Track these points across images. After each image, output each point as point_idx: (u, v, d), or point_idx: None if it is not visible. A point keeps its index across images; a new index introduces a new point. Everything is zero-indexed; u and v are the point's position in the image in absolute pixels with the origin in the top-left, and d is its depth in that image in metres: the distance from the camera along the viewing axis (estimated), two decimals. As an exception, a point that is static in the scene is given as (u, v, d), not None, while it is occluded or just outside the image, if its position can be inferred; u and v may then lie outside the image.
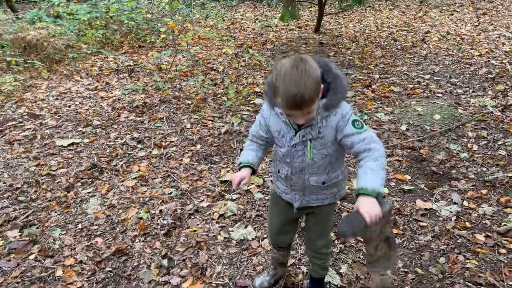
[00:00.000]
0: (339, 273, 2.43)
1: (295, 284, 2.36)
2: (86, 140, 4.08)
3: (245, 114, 4.54)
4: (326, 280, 2.33)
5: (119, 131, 4.28)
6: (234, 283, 2.39)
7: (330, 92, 1.58)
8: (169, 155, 3.82)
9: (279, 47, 7.19)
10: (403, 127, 4.13)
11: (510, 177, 3.27)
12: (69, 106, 4.91)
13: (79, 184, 3.40)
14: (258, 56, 6.25)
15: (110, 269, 2.52)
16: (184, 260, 2.58)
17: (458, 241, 2.67)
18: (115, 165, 3.65)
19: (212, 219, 2.95)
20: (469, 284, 2.33)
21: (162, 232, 2.82)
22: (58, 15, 8.32)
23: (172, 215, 2.99)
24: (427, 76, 5.61)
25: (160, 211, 3.04)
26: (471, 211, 2.94)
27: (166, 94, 5.15)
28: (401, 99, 4.91)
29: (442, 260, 2.51)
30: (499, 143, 3.80)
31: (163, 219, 2.95)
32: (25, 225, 2.90)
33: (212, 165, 3.64)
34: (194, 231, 2.83)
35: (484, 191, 3.14)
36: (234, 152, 3.84)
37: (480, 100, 4.74)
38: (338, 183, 1.84)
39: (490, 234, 2.70)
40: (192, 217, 2.99)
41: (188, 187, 3.32)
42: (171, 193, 3.24)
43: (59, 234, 2.81)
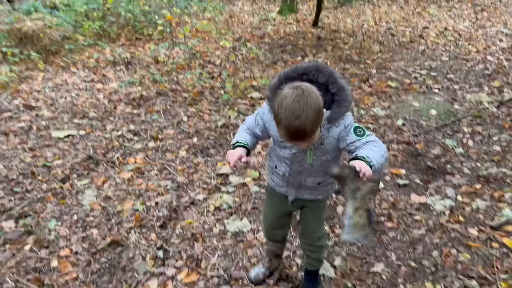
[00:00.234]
0: (333, 266, 2.45)
1: (290, 276, 2.38)
2: (82, 132, 4.07)
3: (242, 108, 4.54)
4: (320, 272, 2.35)
5: (116, 123, 4.27)
6: (229, 275, 2.40)
7: (334, 105, 1.57)
8: (165, 147, 3.82)
9: (277, 41, 7.18)
10: (399, 122, 4.15)
11: (504, 172, 3.29)
12: (65, 98, 4.89)
13: (75, 175, 3.39)
14: (256, 49, 6.23)
15: (105, 260, 2.53)
16: (179, 251, 2.59)
17: (451, 235, 2.69)
18: (111, 157, 3.64)
19: (208, 212, 2.96)
20: (461, 277, 2.35)
21: (157, 224, 2.83)
22: (54, 6, 8.26)
23: (168, 207, 2.99)
24: (424, 72, 5.62)
25: (156, 203, 3.04)
26: (464, 205, 2.96)
27: (163, 87, 5.14)
28: (398, 94, 4.92)
29: (435, 253, 2.54)
30: (494, 138, 3.82)
31: (159, 211, 2.95)
32: (20, 216, 2.90)
33: (208, 158, 3.65)
34: (190, 223, 2.84)
35: (478, 186, 3.16)
36: (231, 145, 3.84)
37: (476, 96, 4.76)
38: (332, 181, 1.89)
39: (483, 228, 2.73)
40: (188, 209, 3.00)
41: (184, 180, 3.33)
42: (167, 185, 3.25)
43: (54, 225, 2.81)
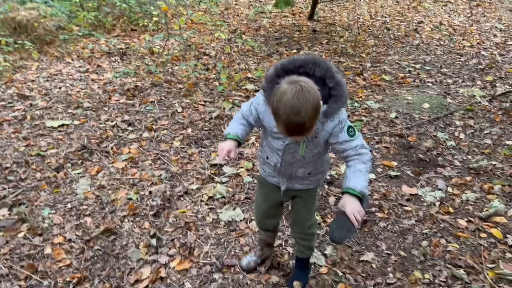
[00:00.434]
0: (324, 254, 2.49)
1: (281, 264, 2.42)
2: (76, 122, 4.07)
3: (236, 99, 4.56)
4: (311, 261, 2.39)
5: (110, 113, 4.27)
6: (221, 263, 2.43)
7: (331, 100, 1.58)
8: (159, 138, 3.83)
9: (273, 34, 7.18)
10: (392, 115, 4.18)
11: (494, 165, 3.34)
12: (60, 88, 4.88)
13: (69, 165, 3.40)
14: (251, 42, 6.23)
15: (98, 248, 2.55)
16: (172, 240, 2.62)
17: (441, 225, 2.73)
18: (105, 147, 3.65)
19: (201, 201, 2.98)
20: (449, 266, 2.40)
21: (151, 212, 2.85)
22: (49, -4, 8.18)
23: (162, 196, 3.02)
24: (418, 66, 5.65)
25: (150, 192, 3.06)
26: (455, 197, 3.01)
27: (158, 78, 5.13)
28: (391, 87, 4.95)
29: (425, 243, 2.58)
30: (485, 132, 3.87)
31: (153, 200, 2.98)
32: (14, 204, 2.91)
33: (202, 149, 3.67)
34: (183, 212, 2.86)
35: (469, 178, 3.21)
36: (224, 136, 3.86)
37: (469, 90, 4.80)
38: (323, 171, 1.95)
39: (472, 219, 2.77)
40: (182, 199, 3.02)
41: (178, 170, 3.34)
42: (161, 175, 3.27)
43: (48, 213, 2.83)
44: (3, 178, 3.21)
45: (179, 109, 4.35)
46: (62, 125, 4.01)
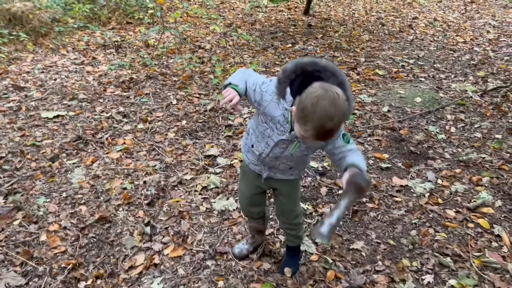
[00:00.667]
0: (315, 243, 2.54)
1: (273, 251, 2.47)
2: (71, 113, 4.09)
3: (231, 92, 4.58)
4: (302, 248, 2.44)
5: (105, 105, 4.30)
6: (214, 250, 2.48)
7: None
8: (154, 129, 3.86)
9: (268, 28, 7.20)
10: (385, 109, 4.24)
11: (483, 158, 3.40)
12: (55, 80, 4.89)
13: (64, 155, 3.43)
14: (247, 36, 6.25)
15: (93, 235, 2.59)
16: (166, 228, 2.66)
17: (430, 215, 2.79)
18: (100, 138, 3.68)
19: (195, 191, 3.02)
20: (437, 254, 2.46)
21: (145, 202, 2.89)
22: (44, -12, 8.15)
23: (156, 186, 3.05)
24: (411, 61, 5.70)
25: (144, 182, 3.10)
26: (444, 188, 3.07)
27: (153, 71, 5.15)
28: (385, 82, 5.00)
29: (414, 232, 2.64)
30: (476, 126, 3.93)
31: (147, 190, 3.01)
32: (9, 192, 2.94)
33: (197, 140, 3.70)
34: (177, 201, 2.90)
35: (458, 170, 3.27)
36: (219, 128, 3.90)
37: (461, 85, 4.86)
38: (304, 167, 2.01)
39: (460, 210, 2.84)
40: (176, 188, 3.06)
41: (173, 161, 3.38)
42: (155, 165, 3.30)
43: (43, 202, 2.86)
44: (-2, 167, 3.23)
45: (174, 101, 4.38)
46: (57, 116, 4.03)
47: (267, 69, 5.30)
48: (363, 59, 5.76)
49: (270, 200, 2.81)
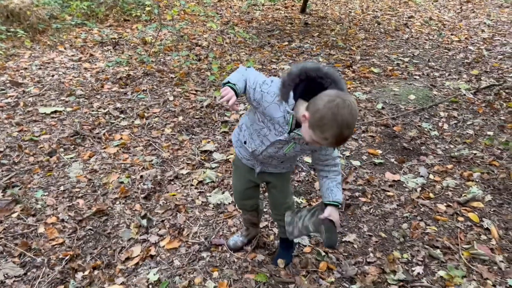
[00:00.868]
0: (308, 236, 2.59)
1: (267, 243, 2.52)
2: (69, 109, 4.13)
3: (227, 89, 4.63)
4: (295, 240, 2.50)
5: (102, 101, 4.33)
6: (209, 242, 2.53)
7: None
8: (151, 125, 3.90)
9: (265, 26, 7.24)
10: (379, 106, 4.29)
11: (475, 154, 3.47)
12: (52, 76, 4.92)
13: (61, 149, 3.47)
14: (243, 33, 6.29)
15: (90, 228, 2.63)
16: (162, 221, 2.71)
17: (421, 209, 2.85)
18: (98, 133, 3.72)
19: (191, 185, 3.07)
20: (427, 246, 2.52)
21: (142, 195, 2.94)
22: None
23: (153, 180, 3.10)
24: (406, 59, 5.76)
25: (141, 176, 3.15)
26: (435, 183, 3.13)
27: (150, 67, 5.19)
28: (379, 79, 5.06)
29: (405, 226, 2.70)
30: (468, 123, 3.99)
31: (144, 184, 3.06)
32: (7, 186, 2.98)
33: (193, 136, 3.75)
34: (173, 195, 2.95)
35: (450, 166, 3.33)
36: (215, 124, 3.95)
37: (454, 83, 4.92)
38: (295, 160, 2.08)
39: (451, 204, 2.90)
40: (172, 183, 3.11)
41: (169, 156, 3.43)
42: (152, 160, 3.35)
43: (41, 195, 2.90)
44: (-4, 161, 3.27)
45: (171, 98, 4.42)
46: (55, 112, 4.07)
47: (264, 67, 5.35)
48: (359, 57, 5.81)
49: (265, 194, 2.86)
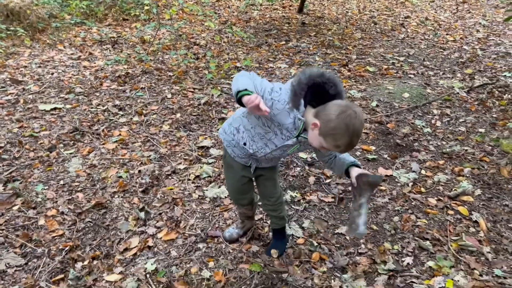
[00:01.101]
0: (302, 227, 2.66)
1: (261, 235, 2.59)
2: (68, 106, 4.20)
3: (225, 87, 4.71)
4: (289, 232, 2.57)
5: (101, 98, 4.40)
6: (205, 234, 2.60)
7: None
8: (149, 122, 3.97)
9: (262, 26, 7.32)
10: (374, 104, 4.37)
11: (466, 150, 3.54)
12: (52, 74, 4.98)
13: (61, 145, 3.53)
14: (241, 32, 6.36)
15: (90, 220, 2.70)
16: (160, 214, 2.78)
17: (412, 203, 2.92)
18: (97, 130, 3.79)
19: (188, 180, 3.14)
20: (417, 238, 2.59)
21: (140, 189, 3.01)
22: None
23: (151, 175, 3.17)
24: (402, 58, 5.84)
25: (139, 171, 3.21)
26: (427, 178, 3.20)
27: (149, 66, 5.26)
28: (374, 78, 5.14)
29: (396, 219, 2.77)
30: (461, 120, 4.07)
31: (142, 179, 3.13)
32: (8, 180, 3.04)
33: (190, 132, 3.82)
34: (171, 189, 3.02)
35: (441, 161, 3.40)
36: (212, 121, 4.02)
37: (448, 82, 5.00)
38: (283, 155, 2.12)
39: (441, 198, 2.97)
40: (170, 177, 3.17)
41: (167, 151, 3.49)
42: (150, 156, 3.41)
43: (41, 189, 2.97)
44: (-3, 156, 3.33)
45: (169, 95, 4.49)
46: (55, 109, 4.13)
47: (261, 65, 5.42)
48: (355, 56, 5.89)
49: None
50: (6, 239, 2.51)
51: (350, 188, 2.01)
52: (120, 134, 3.72)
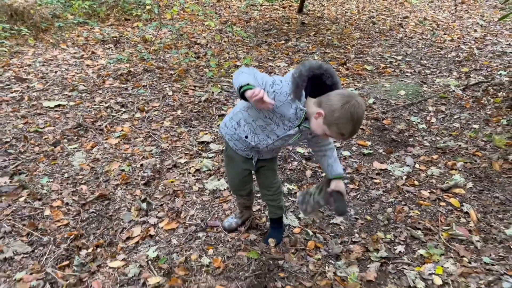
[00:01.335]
0: (298, 218, 2.76)
1: (259, 225, 2.69)
2: (72, 103, 4.30)
3: (225, 85, 4.80)
4: (286, 222, 2.66)
5: (104, 95, 4.50)
6: (205, 223, 2.69)
7: None
8: (151, 118, 4.07)
9: (262, 25, 7.42)
10: (370, 101, 4.46)
11: (460, 145, 3.63)
12: (56, 72, 5.09)
13: (65, 140, 3.63)
14: (241, 32, 6.47)
15: (93, 211, 2.80)
16: (161, 205, 2.87)
17: (406, 195, 3.02)
18: (100, 125, 3.89)
19: (189, 173, 3.24)
20: (409, 228, 2.68)
21: (142, 182, 3.10)
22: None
23: (152, 168, 3.26)
24: (399, 57, 5.93)
25: (141, 165, 3.31)
26: (421, 172, 3.29)
27: (150, 64, 5.36)
28: (372, 76, 5.23)
29: (389, 210, 2.86)
30: (455, 117, 4.16)
31: (144, 172, 3.22)
32: (14, 173, 3.14)
33: (191, 128, 3.92)
34: (172, 182, 3.11)
35: (435, 156, 3.50)
36: (212, 118, 4.12)
37: (444, 80, 5.09)
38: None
39: (434, 191, 3.06)
40: (171, 171, 3.27)
41: (168, 146, 3.59)
42: (151, 150, 3.51)
43: (46, 181, 3.06)
44: (3, 151, 3.43)
45: (170, 93, 4.59)
46: (59, 106, 4.23)
47: (260, 64, 5.52)
48: (353, 56, 5.98)
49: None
50: (13, 228, 2.61)
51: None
52: (122, 130, 3.82)
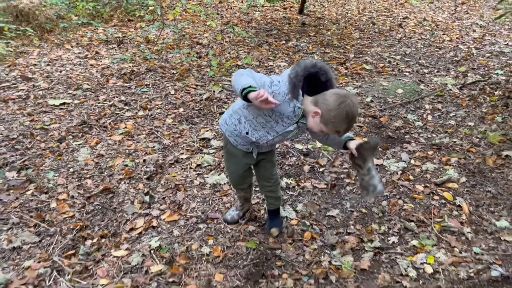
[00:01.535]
0: (295, 210, 2.85)
1: (258, 217, 2.78)
2: (76, 101, 4.41)
3: (226, 84, 4.90)
4: (283, 215, 2.76)
5: (108, 94, 4.61)
6: (206, 216, 2.79)
7: None
8: (153, 116, 4.17)
9: (263, 26, 7.52)
10: (368, 99, 4.55)
11: (455, 142, 3.72)
12: (60, 71, 5.20)
13: (70, 137, 3.74)
14: (242, 32, 6.57)
15: (98, 203, 2.90)
16: (163, 198, 2.97)
17: (401, 189, 3.10)
18: (104, 123, 3.99)
19: (190, 168, 3.34)
20: (403, 220, 2.77)
21: (145, 176, 3.20)
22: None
23: (155, 164, 3.36)
24: (398, 57, 6.02)
25: (144, 160, 3.41)
26: (415, 167, 3.38)
27: (153, 64, 5.47)
28: (370, 76, 5.32)
29: (384, 203, 2.95)
30: (451, 114, 4.25)
31: (146, 167, 3.33)
32: (22, 168, 3.25)
33: (192, 126, 4.02)
34: (174, 176, 3.21)
35: (430, 152, 3.58)
36: (214, 115, 4.22)
37: (442, 79, 5.18)
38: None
39: (428, 185, 3.15)
40: (173, 166, 3.37)
41: (170, 143, 3.69)
42: (154, 146, 3.61)
43: (52, 176, 3.17)
44: (10, 147, 3.54)
45: (172, 92, 4.70)
46: (64, 104, 4.34)
47: (261, 64, 5.62)
48: (352, 55, 6.08)
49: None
50: (21, 219, 2.71)
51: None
52: (126, 127, 3.92)
